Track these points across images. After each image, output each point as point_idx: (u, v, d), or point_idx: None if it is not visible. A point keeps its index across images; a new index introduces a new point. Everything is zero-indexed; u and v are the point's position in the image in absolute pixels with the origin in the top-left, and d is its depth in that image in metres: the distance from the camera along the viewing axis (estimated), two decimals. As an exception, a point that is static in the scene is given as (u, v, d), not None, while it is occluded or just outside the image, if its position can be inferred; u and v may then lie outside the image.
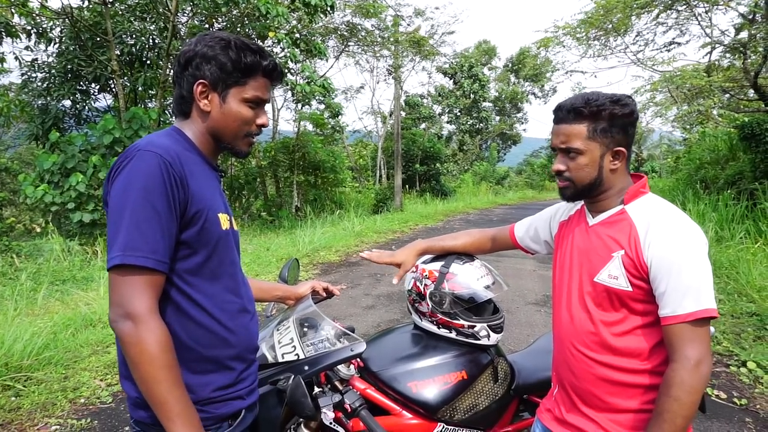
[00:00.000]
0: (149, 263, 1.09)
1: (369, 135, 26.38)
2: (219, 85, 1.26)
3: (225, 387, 1.26)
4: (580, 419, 1.41)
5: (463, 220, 15.69)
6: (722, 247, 7.45)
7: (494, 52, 33.02)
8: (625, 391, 1.33)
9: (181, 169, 1.16)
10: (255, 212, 14.47)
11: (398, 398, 1.72)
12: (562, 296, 1.47)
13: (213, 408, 1.24)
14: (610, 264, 1.33)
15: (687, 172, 13.21)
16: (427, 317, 1.85)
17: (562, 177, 1.39)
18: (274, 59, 1.30)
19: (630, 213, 1.35)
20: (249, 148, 1.35)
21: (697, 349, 1.20)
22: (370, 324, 5.12)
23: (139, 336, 1.07)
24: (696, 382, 1.19)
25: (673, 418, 1.19)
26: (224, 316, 1.26)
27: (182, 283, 1.19)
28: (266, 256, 8.19)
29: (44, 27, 9.34)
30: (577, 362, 1.40)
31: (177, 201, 1.14)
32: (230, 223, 1.34)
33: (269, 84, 1.32)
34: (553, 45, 12.84)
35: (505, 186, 32.91)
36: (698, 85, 10.86)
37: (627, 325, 1.32)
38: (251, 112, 1.29)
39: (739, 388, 3.76)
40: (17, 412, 3.23)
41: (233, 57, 1.24)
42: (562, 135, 1.36)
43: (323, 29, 15.03)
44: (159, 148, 1.15)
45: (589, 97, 1.32)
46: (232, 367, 1.28)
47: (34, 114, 9.90)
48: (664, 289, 1.24)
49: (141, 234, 1.09)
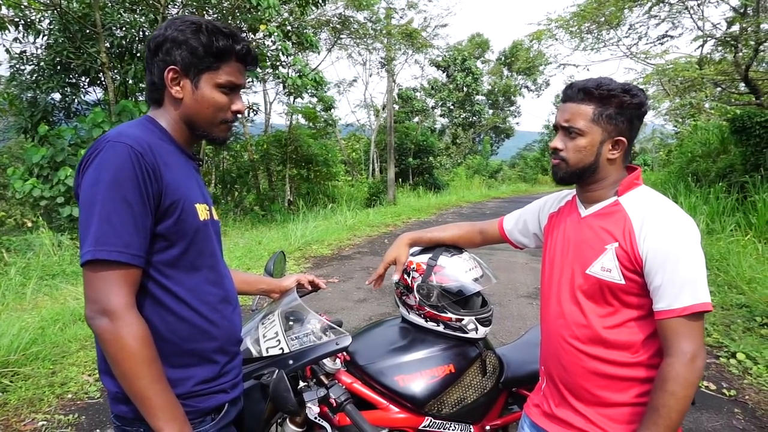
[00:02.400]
0: (123, 257, 1.06)
1: (362, 128, 26.30)
2: (191, 70, 1.22)
3: (208, 380, 1.24)
4: (569, 413, 1.39)
5: (456, 213, 15.71)
6: (713, 239, 7.50)
7: (487, 46, 32.96)
8: (616, 384, 1.32)
9: (153, 160, 1.13)
10: (247, 206, 14.40)
11: (385, 392, 1.71)
12: (552, 288, 1.44)
13: (195, 402, 1.22)
14: (603, 256, 1.31)
15: (679, 165, 13.28)
16: (415, 310, 1.83)
17: (558, 155, 1.36)
18: (247, 43, 1.26)
19: (624, 205, 1.33)
20: (226, 135, 1.32)
21: (693, 344, 1.20)
22: (361, 317, 5.11)
23: (117, 332, 1.05)
24: (692, 377, 1.18)
25: (669, 413, 1.18)
26: (205, 308, 1.23)
27: (160, 276, 1.17)
28: (258, 250, 8.16)
29: (32, 19, 9.19)
30: (567, 355, 1.37)
31: (150, 193, 1.11)
32: (210, 213, 1.31)
33: (244, 68, 1.28)
34: (546, 38, 12.83)
35: (498, 179, 32.99)
36: (690, 78, 10.88)
37: (618, 318, 1.31)
38: (225, 98, 1.25)
39: (729, 379, 3.78)
40: (4, 408, 3.19)
41: (204, 41, 1.20)
42: (567, 113, 1.33)
43: (315, 21, 14.90)
44: (129, 139, 1.11)
45: (601, 81, 1.30)
46: (214, 360, 1.26)
47: (23, 107, 9.75)
48: (659, 282, 1.22)
49: (113, 228, 1.06)
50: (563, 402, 1.41)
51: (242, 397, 1.41)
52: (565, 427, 1.39)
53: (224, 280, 1.33)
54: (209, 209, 1.32)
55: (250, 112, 14.61)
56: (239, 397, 1.37)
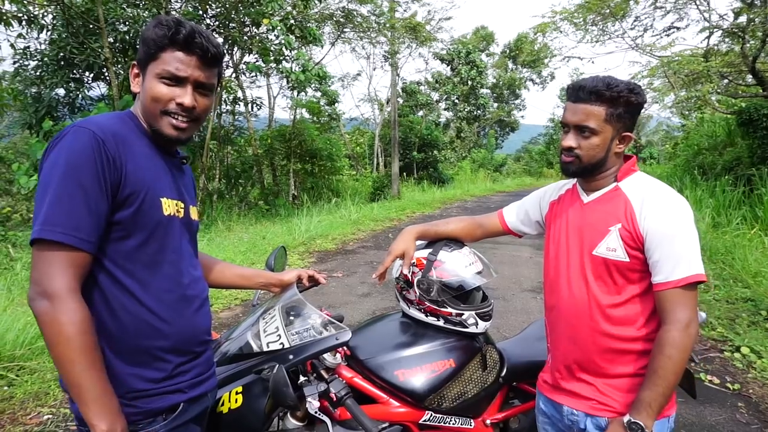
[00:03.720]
0: (70, 240, 1.05)
1: (366, 122, 26.26)
2: (143, 64, 1.22)
3: (157, 380, 1.20)
4: (579, 384, 1.50)
5: (461, 207, 15.68)
6: (719, 233, 7.46)
7: (492, 38, 32.76)
8: (622, 357, 1.44)
9: (115, 148, 1.12)
10: (252, 201, 14.42)
11: (385, 386, 1.72)
12: (560, 271, 1.54)
13: (143, 403, 1.18)
14: (607, 237, 1.42)
15: (685, 158, 13.21)
16: (415, 305, 1.83)
17: (572, 153, 1.45)
18: (186, 29, 1.18)
19: (624, 189, 1.46)
20: (175, 132, 1.24)
21: (688, 312, 1.32)
22: (365, 312, 5.12)
23: (55, 316, 1.02)
24: (687, 341, 1.31)
25: (667, 374, 1.31)
26: (158, 305, 1.20)
27: (114, 267, 1.15)
28: (262, 245, 8.18)
29: (35, 14, 9.21)
30: (577, 332, 1.48)
31: (107, 180, 1.10)
32: (184, 211, 1.30)
33: (193, 60, 1.20)
34: (550, 30, 12.74)
35: (503, 173, 32.89)
36: (696, 71, 10.79)
37: (624, 296, 1.42)
38: (165, 89, 1.20)
39: (733, 373, 3.77)
40: (10, 402, 3.23)
41: (150, 33, 1.19)
42: (581, 113, 1.41)
43: (318, 15, 14.86)
44: (93, 126, 1.12)
45: (610, 82, 1.38)
46: (165, 359, 1.22)
47: (28, 102, 9.80)
48: (658, 257, 1.35)
49: (63, 210, 1.05)
50: (572, 376, 1.52)
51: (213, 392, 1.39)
52: (574, 398, 1.51)
53: (187, 278, 1.29)
54: (184, 207, 1.31)
55: (253, 106, 14.62)
56: (203, 395, 1.33)
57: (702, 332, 4.49)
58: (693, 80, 12.11)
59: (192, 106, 1.22)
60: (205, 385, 1.33)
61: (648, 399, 1.32)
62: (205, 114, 1.28)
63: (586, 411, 1.48)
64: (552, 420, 1.61)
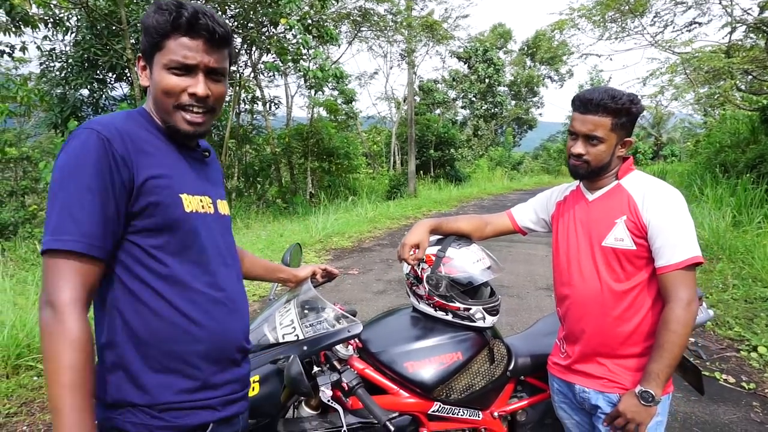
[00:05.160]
0: (78, 247, 1.01)
1: (383, 121, 26.31)
2: (148, 55, 1.15)
3: (188, 391, 1.13)
4: (591, 366, 1.66)
5: (477, 205, 15.65)
6: (739, 231, 7.35)
7: (510, 36, 32.58)
8: (631, 338, 1.59)
9: (124, 146, 1.07)
10: (270, 199, 14.59)
11: (395, 378, 1.77)
12: (572, 264, 1.69)
13: (171, 416, 1.10)
14: (615, 229, 1.59)
15: (706, 155, 12.99)
16: (425, 300, 1.89)
17: (581, 159, 1.62)
18: (189, 11, 1.09)
19: (625, 185, 1.64)
20: (191, 127, 1.17)
21: (688, 291, 1.49)
22: (380, 308, 5.18)
23: (53, 328, 0.98)
24: (689, 317, 1.48)
25: (672, 348, 1.47)
26: (188, 306, 1.13)
27: (138, 266, 1.10)
28: (280, 242, 8.30)
29: (61, 16, 9.46)
30: (592, 319, 1.63)
31: (116, 180, 1.05)
32: (213, 206, 1.25)
33: (201, 44, 1.12)
34: (568, 27, 12.62)
35: (521, 171, 32.63)
36: (716, 67, 10.58)
37: (633, 282, 1.58)
38: (175, 79, 1.12)
39: (749, 372, 3.75)
40: (39, 391, 3.37)
41: (151, 20, 1.11)
42: (590, 124, 1.58)
43: (336, 15, 14.95)
44: (99, 125, 1.07)
45: (614, 95, 1.55)
46: (197, 365, 1.14)
47: (53, 103, 10.06)
48: (660, 244, 1.51)
49: (71, 217, 1.01)
50: (584, 357, 1.67)
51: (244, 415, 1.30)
52: (585, 377, 1.67)
53: (219, 278, 1.21)
54: (212, 202, 1.25)
55: (271, 105, 14.76)
56: (236, 416, 1.24)
57: (719, 331, 4.46)
58: (714, 77, 11.88)
59: (206, 95, 1.14)
60: (238, 405, 1.25)
61: (656, 370, 1.48)
62: (220, 103, 1.21)
63: (597, 389, 1.64)
64: (567, 398, 1.78)
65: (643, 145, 31.45)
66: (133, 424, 1.08)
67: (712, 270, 6.09)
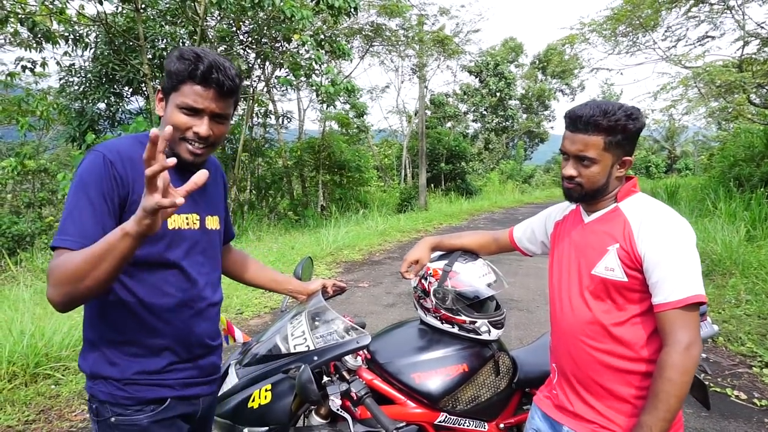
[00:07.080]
0: (76, 245, 1.19)
1: (394, 134, 26.46)
2: (167, 92, 1.35)
3: (149, 372, 1.36)
4: (581, 405, 1.49)
5: (488, 219, 15.63)
6: (754, 246, 7.27)
7: (521, 49, 32.62)
8: (624, 377, 1.42)
9: (123, 168, 1.28)
10: (281, 211, 14.71)
11: (403, 388, 1.82)
12: (562, 290, 1.56)
13: (133, 390, 1.34)
14: (606, 257, 1.43)
15: (720, 169, 12.87)
16: (432, 313, 1.93)
17: (573, 181, 1.47)
18: (205, 65, 1.28)
19: (623, 210, 1.46)
20: (191, 157, 1.35)
21: (688, 334, 1.30)
22: (390, 321, 5.20)
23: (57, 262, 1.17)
24: (687, 364, 1.28)
25: (668, 398, 1.28)
26: (157, 305, 1.35)
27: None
28: (291, 255, 8.37)
29: (80, 33, 9.73)
30: (579, 351, 1.48)
31: (113, 195, 1.25)
32: (200, 223, 1.44)
33: (211, 93, 1.31)
34: (579, 42, 12.68)
35: (532, 184, 32.53)
36: (728, 81, 10.55)
37: (624, 315, 1.42)
38: (184, 118, 1.31)
39: (761, 389, 3.71)
40: (56, 399, 3.45)
41: (173, 66, 1.31)
42: (579, 143, 1.42)
43: (348, 30, 15.16)
44: (105, 148, 1.29)
45: (606, 110, 1.37)
46: (159, 355, 1.37)
47: (71, 117, 10.30)
48: (656, 278, 1.34)
49: (73, 220, 1.22)
50: (575, 395, 1.52)
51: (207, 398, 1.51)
52: (576, 419, 1.50)
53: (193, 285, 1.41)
54: (200, 219, 1.44)
55: (283, 119, 14.96)
56: (196, 397, 1.46)
57: (730, 347, 4.42)
58: (727, 90, 11.84)
59: (207, 135, 1.33)
60: (198, 388, 1.47)
61: (649, 423, 1.30)
62: (220, 140, 1.40)
63: None
64: None
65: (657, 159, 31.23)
66: (103, 392, 1.34)
67: (724, 285, 6.04)
